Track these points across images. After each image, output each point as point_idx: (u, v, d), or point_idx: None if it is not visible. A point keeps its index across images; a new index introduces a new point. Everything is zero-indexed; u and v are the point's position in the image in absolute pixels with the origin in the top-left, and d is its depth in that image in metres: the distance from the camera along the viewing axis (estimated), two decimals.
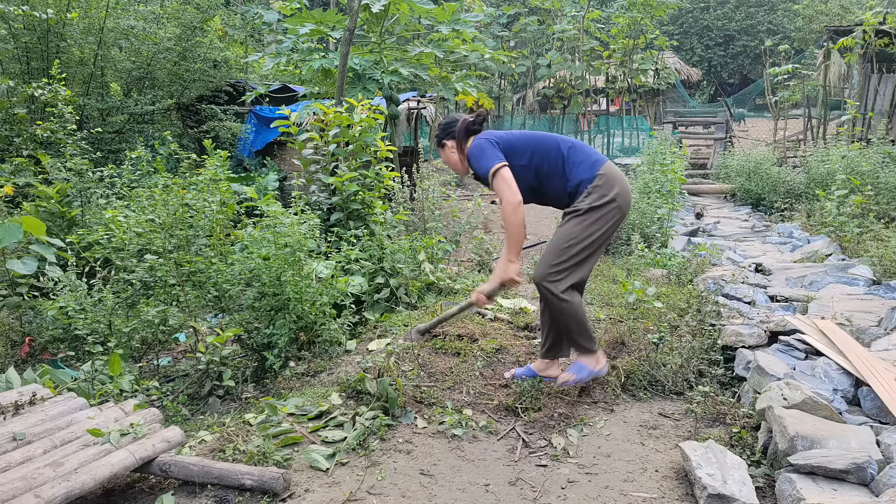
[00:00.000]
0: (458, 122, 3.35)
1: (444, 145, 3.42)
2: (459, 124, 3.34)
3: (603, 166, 3.15)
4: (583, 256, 3.10)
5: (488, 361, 3.71)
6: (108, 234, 4.63)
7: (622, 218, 3.17)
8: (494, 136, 3.25)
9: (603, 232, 3.10)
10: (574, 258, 3.08)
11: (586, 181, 3.13)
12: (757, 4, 32.74)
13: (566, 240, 3.09)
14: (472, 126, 3.32)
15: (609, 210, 3.09)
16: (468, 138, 3.32)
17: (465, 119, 3.34)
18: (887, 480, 2.14)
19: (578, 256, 3.08)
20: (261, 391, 3.81)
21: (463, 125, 3.33)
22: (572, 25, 18.38)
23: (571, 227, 3.11)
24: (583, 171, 3.15)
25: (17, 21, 8.15)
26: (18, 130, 7.24)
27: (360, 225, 5.37)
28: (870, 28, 11.43)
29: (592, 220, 3.08)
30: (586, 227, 3.08)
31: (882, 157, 8.28)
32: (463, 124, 3.33)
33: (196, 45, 10.72)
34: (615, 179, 3.13)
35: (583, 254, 3.09)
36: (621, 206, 3.13)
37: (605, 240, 3.14)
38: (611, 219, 3.10)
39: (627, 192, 3.17)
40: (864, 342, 3.38)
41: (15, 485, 2.17)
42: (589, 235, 3.08)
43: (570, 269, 3.09)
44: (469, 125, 3.32)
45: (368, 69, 7.63)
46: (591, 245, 3.10)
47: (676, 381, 3.36)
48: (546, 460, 2.76)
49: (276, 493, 2.46)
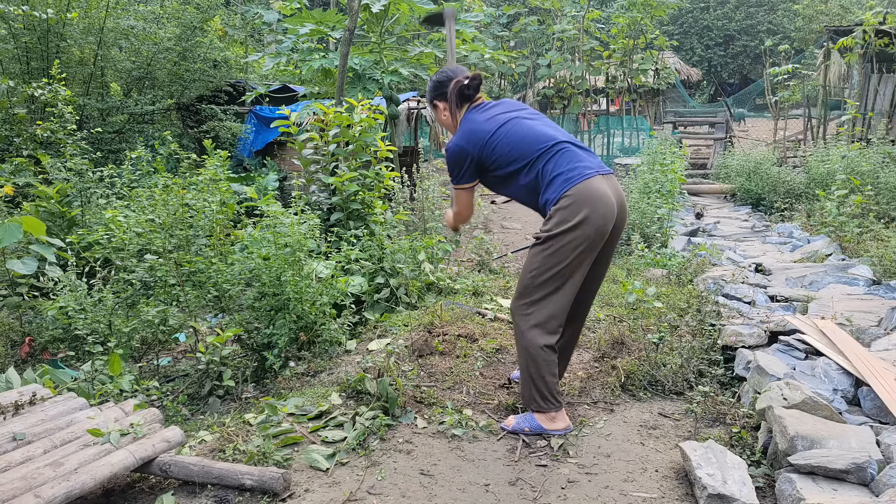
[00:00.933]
0: (451, 84, 3.01)
1: (436, 106, 3.13)
2: (451, 87, 3.01)
3: (573, 187, 2.73)
4: (549, 288, 2.78)
5: (488, 361, 3.71)
6: (108, 234, 4.63)
7: (592, 245, 2.76)
8: (472, 140, 2.91)
9: (567, 263, 2.74)
10: (540, 289, 2.79)
11: (551, 202, 2.79)
12: (757, 4, 32.73)
13: (528, 270, 2.83)
14: (465, 90, 3.00)
15: (571, 238, 2.71)
16: (461, 104, 3.04)
17: (458, 81, 3.00)
18: (887, 480, 2.14)
19: (544, 289, 2.79)
20: (261, 391, 3.81)
21: (455, 89, 3.00)
22: (572, 25, 18.38)
23: (532, 257, 2.83)
24: (552, 190, 2.79)
25: (17, 21, 8.15)
26: (18, 130, 7.24)
27: (360, 225, 5.37)
28: (870, 28, 11.43)
29: (552, 250, 2.75)
30: (546, 258, 2.76)
31: (882, 157, 8.28)
32: (455, 87, 3.00)
33: (196, 45, 10.72)
34: (584, 202, 2.71)
35: (547, 286, 2.78)
36: (587, 234, 2.71)
37: (572, 270, 2.78)
38: (574, 248, 2.72)
39: (601, 216, 2.73)
40: (864, 342, 3.38)
41: (15, 485, 2.17)
42: (551, 267, 2.76)
43: (535, 302, 2.81)
44: (462, 89, 2.99)
45: (368, 69, 7.63)
46: (555, 277, 2.76)
47: (676, 381, 3.36)
48: (546, 460, 2.76)
49: (276, 493, 2.46)
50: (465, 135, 2.94)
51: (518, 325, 2.87)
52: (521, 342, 2.87)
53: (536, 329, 2.81)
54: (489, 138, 2.89)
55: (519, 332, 2.87)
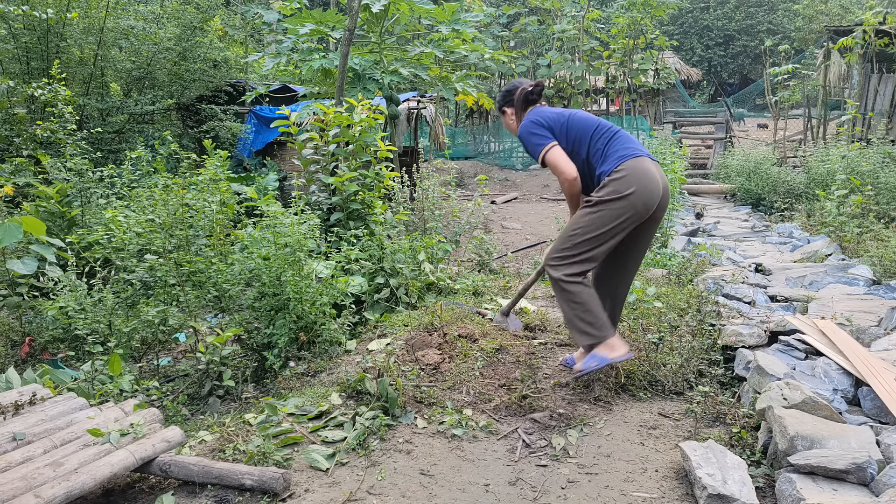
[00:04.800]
0: (517, 91, 3.42)
1: (504, 112, 3.53)
2: (518, 93, 3.42)
3: (627, 161, 3.08)
4: (586, 248, 3.08)
5: (488, 361, 3.71)
6: (108, 234, 4.63)
7: (635, 217, 3.06)
8: (542, 117, 3.27)
9: (610, 227, 3.04)
10: (577, 248, 3.08)
11: (605, 173, 3.12)
12: (757, 4, 32.72)
13: (572, 228, 3.13)
14: (529, 96, 3.40)
15: (619, 207, 3.02)
16: (526, 107, 3.42)
17: (523, 88, 3.41)
18: (887, 480, 2.14)
19: (582, 248, 3.08)
20: (261, 391, 3.81)
21: (521, 94, 3.41)
22: (572, 25, 18.38)
23: (579, 217, 3.13)
24: (607, 164, 3.13)
25: (17, 21, 8.15)
26: (18, 130, 7.24)
27: (360, 225, 5.37)
28: (870, 28, 11.43)
29: (599, 213, 3.05)
30: (593, 220, 3.06)
31: (882, 157, 8.28)
32: (521, 94, 3.41)
33: (196, 45, 10.72)
34: (635, 177, 3.04)
35: (586, 245, 3.07)
36: (635, 205, 3.02)
37: (612, 235, 3.07)
38: (620, 215, 3.03)
39: (649, 192, 3.05)
40: (864, 342, 3.38)
41: (15, 485, 2.17)
42: (595, 228, 3.05)
43: (572, 257, 3.09)
44: (527, 95, 3.40)
45: (368, 69, 7.63)
46: (596, 238, 3.06)
47: (676, 381, 3.36)
48: (546, 460, 2.76)
49: (276, 493, 2.46)
50: (533, 115, 3.31)
51: (549, 274, 3.18)
52: (555, 288, 3.17)
53: (566, 271, 3.11)
54: (556, 116, 3.28)
55: (551, 278, 3.18)
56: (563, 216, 9.90)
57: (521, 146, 20.40)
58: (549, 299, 5.27)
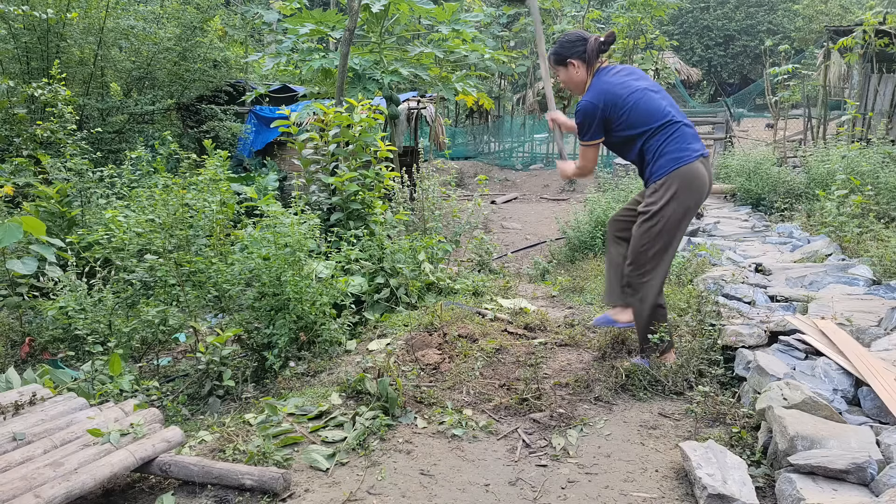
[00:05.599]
0: (589, 42, 3.27)
1: (568, 64, 3.34)
2: (591, 44, 3.27)
3: (679, 169, 3.14)
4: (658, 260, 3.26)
5: (488, 361, 3.71)
6: (108, 234, 4.63)
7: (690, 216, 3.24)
8: (605, 98, 3.20)
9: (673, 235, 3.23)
10: (651, 261, 3.26)
11: (657, 176, 3.19)
12: (757, 4, 32.73)
13: (640, 245, 3.25)
14: (602, 46, 3.28)
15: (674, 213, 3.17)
16: (594, 63, 3.31)
17: (595, 38, 3.27)
18: (887, 480, 2.14)
19: (654, 260, 3.26)
20: (261, 391, 3.81)
21: (595, 44, 3.26)
22: (572, 25, 18.39)
23: (642, 232, 3.24)
24: (658, 167, 3.19)
25: (17, 21, 8.16)
26: (18, 130, 7.24)
27: (360, 225, 5.37)
28: (870, 28, 11.43)
29: (661, 226, 3.18)
30: (656, 234, 3.20)
31: (882, 157, 8.27)
32: (595, 44, 3.26)
33: (196, 45, 10.73)
34: (686, 182, 3.15)
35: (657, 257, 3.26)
36: (687, 208, 3.18)
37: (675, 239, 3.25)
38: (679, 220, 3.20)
39: (699, 194, 3.20)
40: (864, 342, 3.38)
41: (15, 485, 2.17)
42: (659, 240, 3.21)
43: (649, 271, 3.28)
44: (601, 45, 3.27)
45: (368, 69, 7.64)
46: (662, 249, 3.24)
47: (676, 381, 3.36)
48: (546, 460, 2.76)
49: (276, 493, 2.46)
50: (600, 94, 3.23)
51: (636, 291, 3.33)
52: (638, 306, 3.34)
53: (650, 293, 3.29)
54: (621, 101, 3.20)
55: (637, 297, 3.33)
56: (562, 216, 9.90)
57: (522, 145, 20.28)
58: (548, 299, 5.28)
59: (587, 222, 7.56)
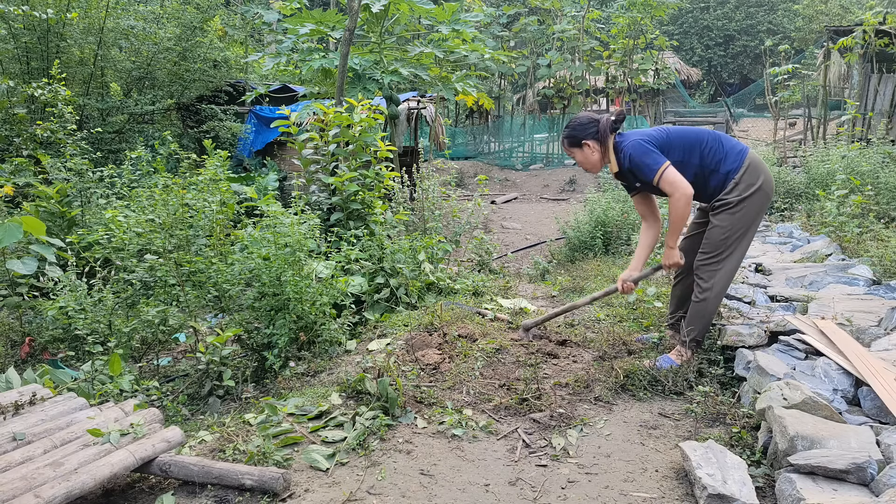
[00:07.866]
0: (601, 123, 3.37)
1: (583, 146, 3.43)
2: (602, 124, 3.37)
3: (747, 156, 3.27)
4: (735, 248, 3.29)
5: (488, 361, 3.71)
6: (108, 234, 4.63)
7: (767, 204, 3.33)
8: (647, 136, 3.31)
9: (752, 222, 3.28)
10: (728, 249, 3.28)
11: (733, 171, 3.26)
12: (757, 4, 32.72)
13: (720, 233, 3.27)
14: (614, 125, 3.38)
15: (757, 198, 3.23)
16: (609, 139, 3.39)
17: (607, 118, 3.38)
18: (887, 480, 2.14)
19: (732, 248, 3.29)
20: (261, 391, 3.81)
21: (606, 125, 3.36)
22: (572, 25, 18.40)
23: (721, 220, 3.27)
24: (730, 161, 3.28)
25: (17, 21, 8.16)
26: (18, 130, 7.24)
27: (360, 225, 5.37)
28: (870, 28, 11.43)
29: (742, 212, 3.23)
30: (737, 220, 3.24)
31: (882, 157, 8.27)
32: (606, 124, 3.36)
33: (196, 45, 10.73)
34: (760, 167, 3.27)
35: (734, 245, 3.29)
36: (767, 193, 3.27)
37: (752, 228, 3.31)
38: (759, 207, 3.26)
39: (771, 179, 3.30)
40: (864, 342, 3.37)
41: (15, 485, 2.17)
42: (739, 227, 3.25)
43: (724, 259, 3.30)
44: (612, 124, 3.37)
45: (368, 69, 7.64)
46: (740, 236, 3.28)
47: (676, 381, 3.36)
48: (546, 460, 2.76)
49: (276, 493, 2.46)
50: (640, 135, 3.33)
51: (705, 280, 3.34)
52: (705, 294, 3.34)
53: (722, 282, 3.33)
54: (660, 134, 3.33)
55: (706, 286, 3.34)
56: (562, 216, 9.90)
57: (522, 145, 20.24)
58: (549, 299, 5.27)
59: (587, 222, 7.57)
